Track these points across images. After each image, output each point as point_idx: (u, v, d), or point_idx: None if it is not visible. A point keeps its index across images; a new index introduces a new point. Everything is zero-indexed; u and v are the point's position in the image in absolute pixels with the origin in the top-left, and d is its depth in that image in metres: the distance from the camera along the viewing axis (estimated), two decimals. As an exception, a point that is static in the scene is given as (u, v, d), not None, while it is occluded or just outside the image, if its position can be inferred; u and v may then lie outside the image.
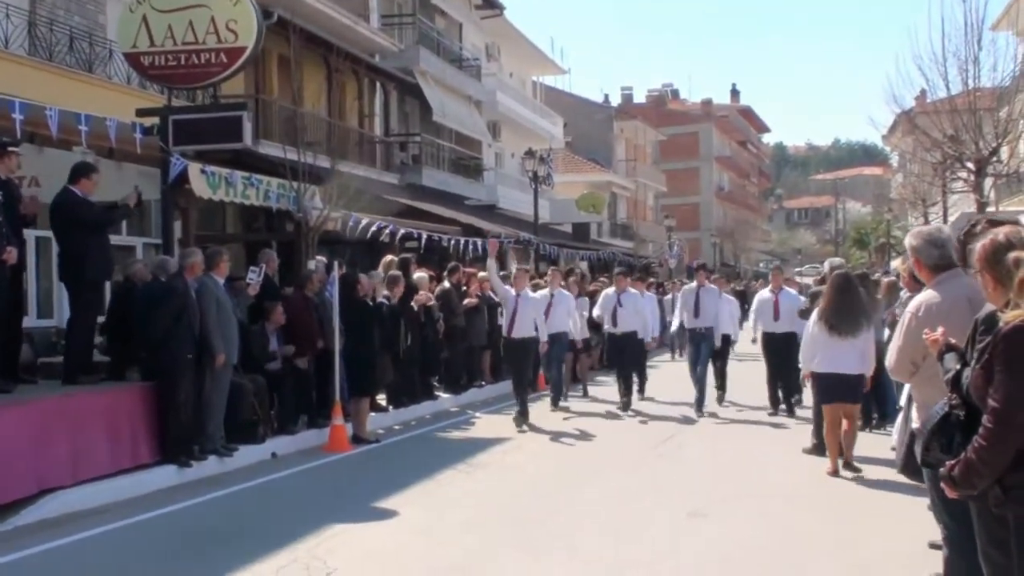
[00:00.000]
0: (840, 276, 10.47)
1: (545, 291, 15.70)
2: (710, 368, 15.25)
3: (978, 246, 4.21)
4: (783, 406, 14.47)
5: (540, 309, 14.80)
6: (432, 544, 7.68)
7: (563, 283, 16.68)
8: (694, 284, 15.46)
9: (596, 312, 16.37)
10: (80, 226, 9.93)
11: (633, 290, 16.12)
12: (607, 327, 15.80)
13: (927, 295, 5.26)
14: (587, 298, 18.51)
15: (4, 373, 9.56)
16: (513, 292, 14.27)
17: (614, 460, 11.26)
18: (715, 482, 9.87)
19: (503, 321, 14.64)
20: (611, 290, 15.97)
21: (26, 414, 8.77)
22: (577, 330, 16.79)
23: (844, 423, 10.27)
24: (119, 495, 9.14)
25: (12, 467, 8.37)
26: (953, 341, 4.28)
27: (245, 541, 7.71)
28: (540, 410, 14.82)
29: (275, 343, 12.00)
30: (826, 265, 12.86)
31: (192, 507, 8.99)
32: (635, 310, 15.53)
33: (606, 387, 17.53)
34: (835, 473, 10.12)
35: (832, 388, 10.14)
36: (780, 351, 14.03)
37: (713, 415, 14.61)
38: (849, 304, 10.02)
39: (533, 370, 15.96)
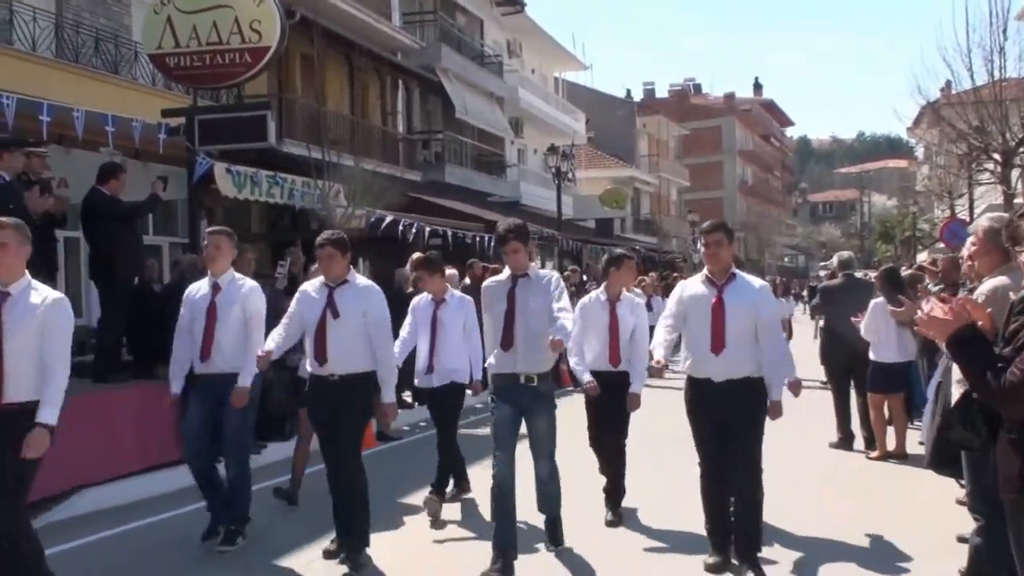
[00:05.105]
0: (885, 270, 11.13)
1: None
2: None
3: None
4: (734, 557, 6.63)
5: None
6: (458, 541, 7.72)
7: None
8: (504, 276, 6.90)
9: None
10: (111, 222, 10.01)
11: (460, 294, 9.02)
12: (420, 379, 8.74)
13: None
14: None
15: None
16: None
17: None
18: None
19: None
20: (423, 298, 8.73)
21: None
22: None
23: (887, 412, 10.78)
24: (148, 492, 9.22)
25: (44, 465, 8.43)
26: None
27: (273, 537, 7.77)
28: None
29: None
30: (835, 259, 12.83)
31: (221, 504, 9.03)
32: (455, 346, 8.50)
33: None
34: (883, 458, 10.48)
35: (888, 377, 10.55)
36: (720, 421, 6.49)
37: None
38: (897, 293, 10.25)
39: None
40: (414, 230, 19.04)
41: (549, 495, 7.07)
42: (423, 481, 8.81)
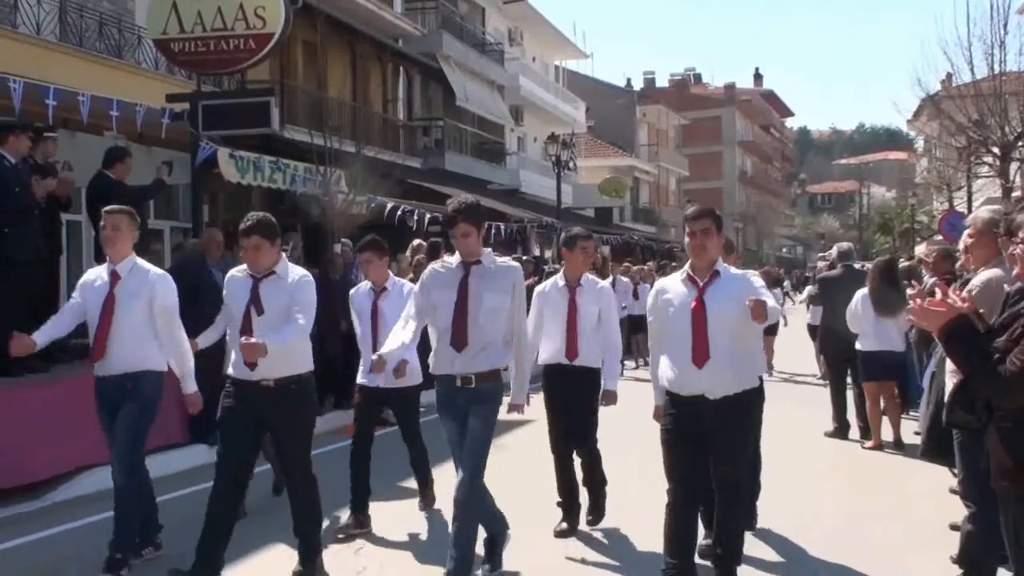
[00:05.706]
0: (884, 261, 11.24)
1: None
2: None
3: None
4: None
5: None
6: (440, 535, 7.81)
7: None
8: (453, 261, 5.88)
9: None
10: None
11: (404, 281, 8.13)
12: (365, 376, 7.85)
13: None
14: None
15: (40, 353, 9.72)
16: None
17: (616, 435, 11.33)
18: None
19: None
20: (361, 288, 7.97)
21: (62, 393, 8.96)
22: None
23: (882, 403, 10.77)
24: (152, 472, 9.19)
25: (49, 445, 8.58)
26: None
27: (275, 518, 7.84)
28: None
29: None
30: (834, 250, 13.03)
31: (223, 485, 9.11)
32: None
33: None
34: (878, 448, 10.56)
35: (878, 366, 10.53)
36: (706, 445, 5.53)
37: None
38: (892, 285, 10.36)
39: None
40: (415, 217, 19.12)
41: (461, 530, 5.86)
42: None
